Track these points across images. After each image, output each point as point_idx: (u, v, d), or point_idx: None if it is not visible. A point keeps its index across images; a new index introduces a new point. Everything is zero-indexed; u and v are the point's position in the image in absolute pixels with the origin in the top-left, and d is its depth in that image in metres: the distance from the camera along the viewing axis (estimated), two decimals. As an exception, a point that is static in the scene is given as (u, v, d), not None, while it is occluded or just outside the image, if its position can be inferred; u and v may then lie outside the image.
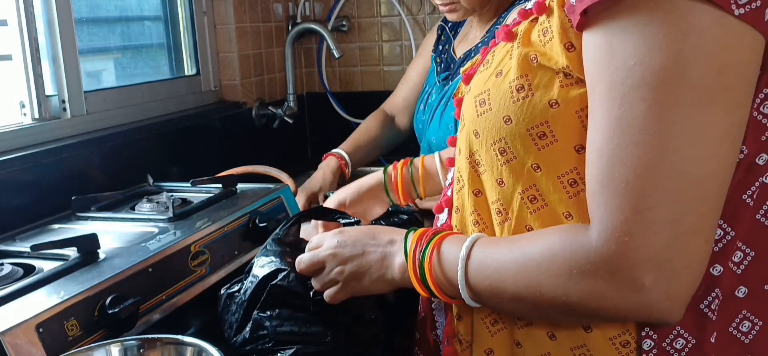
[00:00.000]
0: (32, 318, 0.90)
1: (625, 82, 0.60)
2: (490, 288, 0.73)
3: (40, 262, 1.11)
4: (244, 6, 2.07)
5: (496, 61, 0.76)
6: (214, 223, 1.27)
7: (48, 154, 1.43)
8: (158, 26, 1.97)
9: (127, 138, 1.64)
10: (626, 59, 0.60)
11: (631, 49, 0.60)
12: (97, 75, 1.78)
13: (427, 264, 0.79)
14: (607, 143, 0.62)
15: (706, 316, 0.69)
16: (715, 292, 0.68)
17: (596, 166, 0.63)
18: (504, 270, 0.72)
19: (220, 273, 1.22)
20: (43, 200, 1.39)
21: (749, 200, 0.66)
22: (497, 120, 0.73)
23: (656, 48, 0.59)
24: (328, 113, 2.37)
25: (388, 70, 2.31)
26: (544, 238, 0.70)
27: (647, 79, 0.59)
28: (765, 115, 0.64)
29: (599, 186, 0.63)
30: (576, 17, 0.64)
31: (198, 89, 2.02)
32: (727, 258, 0.68)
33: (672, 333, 0.69)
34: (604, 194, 0.63)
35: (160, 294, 1.09)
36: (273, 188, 1.52)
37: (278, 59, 2.25)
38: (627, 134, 0.60)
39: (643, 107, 0.59)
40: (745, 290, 0.68)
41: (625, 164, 0.61)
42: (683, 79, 0.58)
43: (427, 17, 2.24)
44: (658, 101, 0.59)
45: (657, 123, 0.59)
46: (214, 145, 1.93)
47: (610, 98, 0.61)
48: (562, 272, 0.66)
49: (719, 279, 0.68)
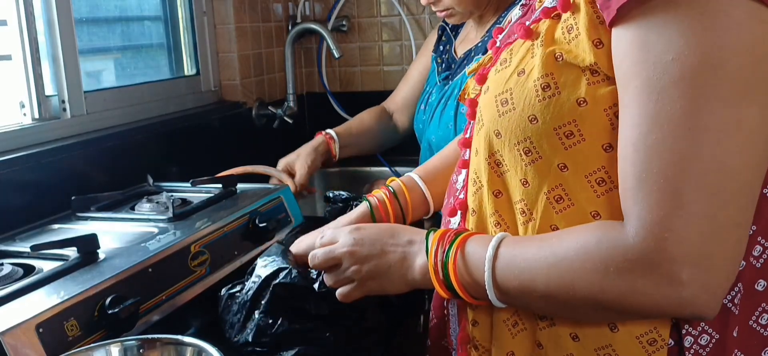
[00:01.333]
0: (32, 318, 0.90)
1: (663, 77, 0.60)
2: (520, 287, 0.72)
3: (40, 262, 1.11)
4: (244, 6, 2.07)
5: (516, 60, 0.75)
6: (214, 223, 1.27)
7: (48, 154, 1.43)
8: (158, 26, 1.97)
9: (127, 138, 1.64)
10: (663, 54, 0.60)
11: (668, 43, 0.60)
12: (97, 75, 1.78)
13: (452, 265, 0.78)
14: (644, 138, 0.62)
15: (729, 311, 0.69)
16: (738, 287, 0.69)
17: (632, 161, 0.63)
18: (534, 268, 0.71)
19: (220, 273, 1.22)
20: (43, 200, 1.39)
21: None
22: (522, 120, 0.72)
23: (694, 42, 0.59)
24: (328, 113, 2.37)
25: (388, 70, 2.31)
26: (576, 235, 0.69)
27: (685, 74, 0.59)
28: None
29: (636, 181, 0.63)
30: (612, 13, 0.64)
31: (198, 89, 2.02)
32: (748, 253, 0.68)
33: (697, 329, 0.69)
34: (643, 189, 0.62)
35: (160, 294, 1.09)
36: (273, 188, 1.52)
37: (278, 59, 2.26)
38: (666, 128, 0.60)
39: (682, 101, 0.59)
40: (765, 283, 0.69)
41: (663, 159, 0.61)
42: (722, 72, 0.58)
43: (427, 17, 2.24)
44: (697, 95, 0.59)
45: (696, 117, 0.59)
46: (214, 145, 1.93)
47: (647, 93, 0.61)
48: (597, 269, 0.66)
49: (742, 273, 0.68)
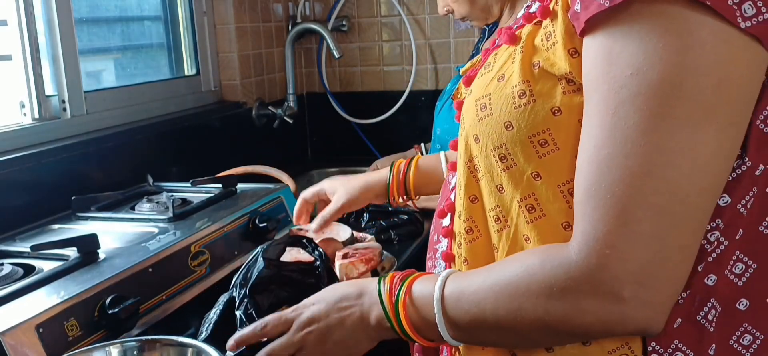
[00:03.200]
0: (32, 318, 0.90)
1: (622, 91, 0.59)
2: (471, 320, 0.71)
3: (40, 262, 1.11)
4: (244, 6, 2.07)
5: (498, 65, 0.74)
6: (214, 223, 1.27)
7: (48, 154, 1.43)
8: (158, 26, 1.97)
9: (127, 138, 1.64)
10: (624, 68, 0.59)
11: (630, 58, 0.59)
12: (97, 75, 1.78)
13: (402, 309, 0.76)
14: (598, 151, 0.61)
15: (703, 328, 0.67)
16: (711, 303, 0.67)
17: (585, 174, 0.62)
18: (482, 299, 0.70)
19: (220, 273, 1.22)
20: (43, 200, 1.39)
21: (743, 209, 0.64)
22: (498, 126, 0.71)
23: (655, 59, 0.57)
24: (328, 113, 2.37)
25: (388, 71, 2.31)
26: (521, 260, 0.69)
27: (643, 90, 0.58)
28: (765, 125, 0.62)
29: (585, 195, 0.62)
30: (580, 24, 0.63)
31: (198, 89, 2.02)
32: (723, 268, 0.66)
33: (671, 346, 0.67)
34: (590, 203, 0.61)
35: (160, 294, 1.09)
36: (273, 188, 1.52)
37: (278, 59, 2.26)
38: (619, 143, 0.59)
39: (637, 117, 0.58)
40: (747, 302, 0.66)
41: (613, 175, 0.60)
42: (680, 92, 0.57)
43: (427, 17, 2.24)
44: (653, 113, 0.58)
45: (650, 135, 0.58)
46: (214, 145, 1.93)
47: (606, 106, 0.60)
48: (542, 291, 0.65)
49: (715, 289, 0.66)
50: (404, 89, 2.25)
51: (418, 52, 2.24)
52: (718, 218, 0.64)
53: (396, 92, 2.27)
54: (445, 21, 2.20)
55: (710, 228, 0.64)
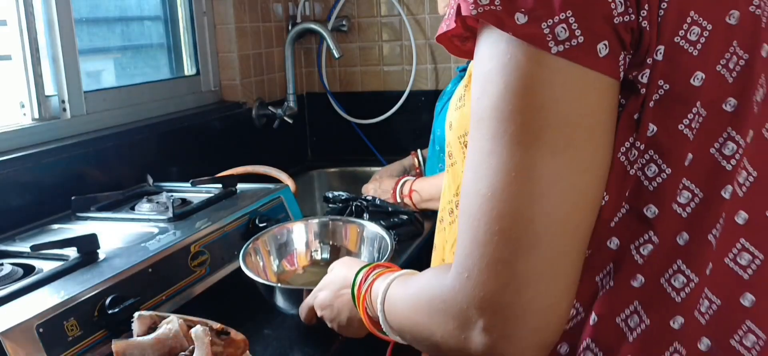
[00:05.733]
0: (32, 318, 0.90)
1: (473, 117, 0.60)
2: (398, 327, 0.75)
3: (40, 262, 1.11)
4: (244, 6, 2.07)
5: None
6: (214, 223, 1.27)
7: (48, 154, 1.43)
8: (158, 26, 1.97)
9: (127, 138, 1.64)
10: (474, 94, 0.60)
11: (475, 84, 0.60)
12: (97, 75, 1.78)
13: (361, 304, 0.83)
14: (463, 175, 0.62)
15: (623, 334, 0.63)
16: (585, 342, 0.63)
17: (460, 199, 0.63)
18: (400, 309, 0.74)
19: (220, 272, 1.22)
20: (43, 200, 1.39)
21: (637, 255, 0.61)
22: (447, 125, 0.77)
23: (486, 82, 0.58)
24: (328, 113, 2.37)
25: (388, 71, 2.31)
26: (421, 277, 0.71)
27: (483, 114, 0.59)
28: (632, 162, 0.60)
29: (460, 219, 0.62)
30: (445, 45, 0.68)
31: (198, 89, 2.02)
32: (615, 314, 0.62)
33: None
34: (460, 227, 0.61)
35: (160, 294, 1.09)
36: (273, 188, 1.52)
37: (278, 59, 2.26)
38: (472, 167, 0.60)
39: (481, 141, 0.59)
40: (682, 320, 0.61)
41: (469, 199, 0.60)
42: (508, 114, 0.57)
43: (427, 17, 2.24)
44: (492, 135, 0.58)
45: (490, 158, 0.58)
46: (214, 145, 1.93)
47: (470, 131, 0.61)
48: (426, 310, 0.66)
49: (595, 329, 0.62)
50: (404, 89, 2.25)
51: (418, 52, 2.24)
52: (610, 261, 0.62)
53: (396, 92, 2.27)
54: (445, 21, 2.20)
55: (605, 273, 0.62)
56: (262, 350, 1.03)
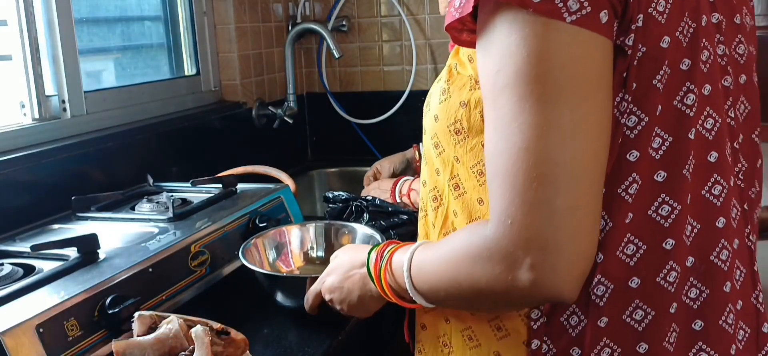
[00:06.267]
0: (32, 318, 0.90)
1: (494, 88, 0.70)
2: (430, 288, 0.82)
3: (40, 262, 1.11)
4: (244, 6, 2.07)
5: (443, 70, 0.89)
6: (214, 223, 1.27)
7: (48, 154, 1.43)
8: (158, 26, 1.97)
9: (127, 138, 1.64)
10: (492, 68, 0.70)
11: (493, 59, 0.70)
12: (97, 75, 1.79)
13: (384, 278, 0.88)
14: (489, 141, 0.71)
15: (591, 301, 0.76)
16: (597, 278, 0.75)
17: (487, 161, 0.72)
18: (433, 270, 0.81)
19: (220, 272, 1.22)
20: (43, 200, 1.39)
21: (625, 194, 0.73)
22: (431, 118, 0.86)
23: (507, 55, 0.68)
24: (328, 113, 2.37)
25: (388, 71, 2.32)
26: (458, 235, 0.79)
27: (508, 82, 0.68)
28: (622, 112, 0.72)
29: (490, 178, 0.72)
30: (452, 34, 0.76)
31: (198, 89, 2.02)
32: (619, 249, 0.75)
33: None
34: (493, 185, 0.71)
35: (160, 294, 1.09)
36: (273, 188, 1.52)
37: (278, 59, 2.26)
38: (500, 130, 0.69)
39: (509, 105, 0.68)
40: (638, 280, 0.75)
41: (503, 156, 0.69)
42: (534, 76, 0.67)
43: (427, 17, 2.24)
44: (520, 97, 0.68)
45: (521, 116, 0.67)
46: (214, 145, 1.93)
47: (489, 103, 0.71)
48: (470, 261, 0.74)
49: (604, 267, 0.75)
50: (404, 89, 2.25)
51: (418, 52, 2.24)
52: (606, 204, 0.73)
53: (396, 92, 2.27)
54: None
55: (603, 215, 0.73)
56: (262, 350, 1.03)
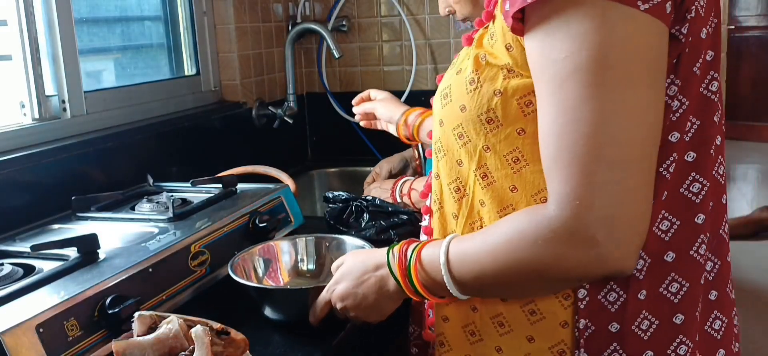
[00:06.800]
0: (32, 318, 0.90)
1: (561, 72, 0.72)
2: (474, 277, 0.83)
3: (40, 262, 1.11)
4: (244, 6, 2.07)
5: (458, 63, 0.90)
6: (214, 223, 1.27)
7: (48, 154, 1.43)
8: (158, 26, 1.97)
9: (127, 138, 1.64)
10: (559, 54, 0.72)
11: (562, 44, 0.72)
12: (97, 75, 1.79)
13: (415, 274, 0.89)
14: (553, 124, 0.73)
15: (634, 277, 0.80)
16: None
17: (547, 146, 0.75)
18: (482, 258, 0.81)
19: (220, 272, 1.22)
20: (43, 200, 1.39)
21: (666, 172, 0.78)
22: (455, 109, 0.86)
23: (580, 41, 0.70)
24: (328, 113, 2.37)
25: (388, 71, 2.31)
26: (511, 221, 0.80)
27: (579, 67, 0.71)
28: (670, 96, 0.77)
29: (551, 162, 0.74)
30: (509, 22, 0.77)
31: (198, 89, 2.02)
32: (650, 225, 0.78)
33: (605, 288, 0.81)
34: (556, 167, 0.73)
35: (160, 294, 1.09)
36: (273, 188, 1.52)
37: (278, 59, 2.26)
38: (569, 113, 0.71)
39: (579, 90, 0.71)
40: (673, 254, 0.80)
41: (570, 139, 0.71)
42: (606, 62, 0.70)
43: (427, 17, 2.24)
44: (589, 82, 0.70)
45: (591, 101, 0.70)
46: (214, 145, 1.93)
47: (551, 87, 0.73)
48: (530, 244, 0.76)
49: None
50: (404, 89, 2.25)
51: (418, 52, 2.24)
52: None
53: (396, 92, 2.25)
54: (445, 21, 2.20)
55: None
56: (263, 350, 1.03)
